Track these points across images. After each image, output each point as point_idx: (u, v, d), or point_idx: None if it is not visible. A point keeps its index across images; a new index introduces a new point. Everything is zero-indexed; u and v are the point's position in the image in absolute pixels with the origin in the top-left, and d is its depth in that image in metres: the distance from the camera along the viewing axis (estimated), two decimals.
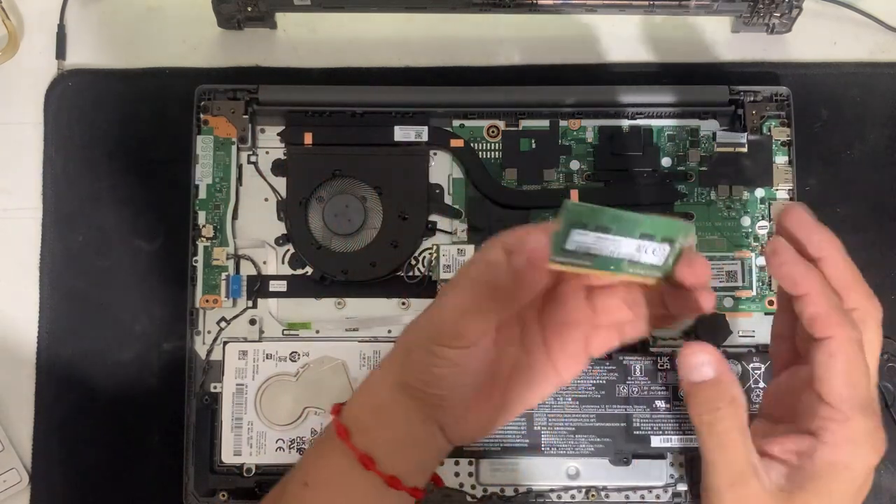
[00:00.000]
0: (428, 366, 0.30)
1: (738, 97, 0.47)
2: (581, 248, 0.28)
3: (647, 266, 0.29)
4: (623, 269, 0.29)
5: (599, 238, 0.28)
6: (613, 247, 0.28)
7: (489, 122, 0.47)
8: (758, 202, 0.47)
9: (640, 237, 0.28)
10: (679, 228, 0.28)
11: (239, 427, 0.45)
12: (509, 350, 0.32)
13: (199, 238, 0.46)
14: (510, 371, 0.32)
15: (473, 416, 0.32)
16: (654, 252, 0.28)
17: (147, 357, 0.47)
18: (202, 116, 0.46)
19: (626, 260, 0.28)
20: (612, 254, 0.28)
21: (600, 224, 0.27)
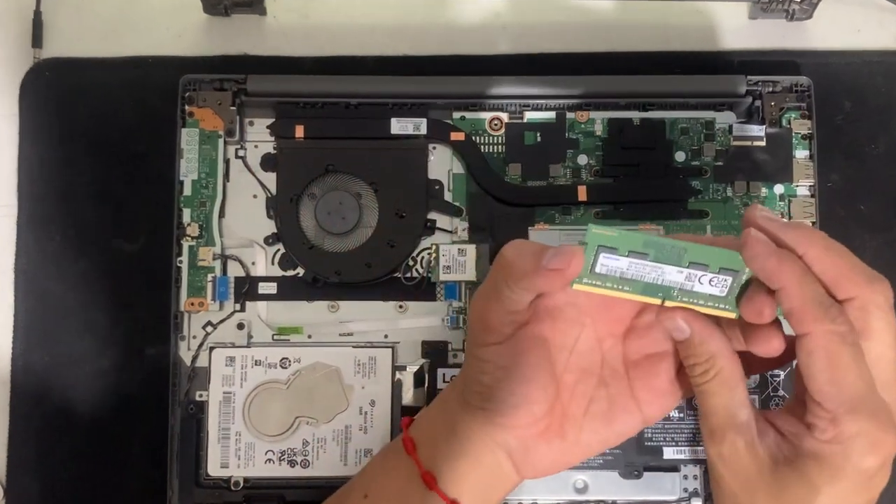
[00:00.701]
0: (476, 373, 0.31)
1: (755, 88, 0.46)
2: (613, 272, 0.28)
3: (706, 296, 0.28)
4: (673, 298, 0.29)
5: (635, 264, 0.28)
6: (656, 274, 0.28)
7: (492, 114, 0.47)
8: (777, 199, 0.46)
9: (690, 266, 0.28)
10: (739, 260, 0.28)
11: (226, 438, 0.44)
12: (586, 380, 0.32)
13: (183, 237, 0.46)
14: (587, 404, 0.32)
15: (544, 449, 0.32)
16: (711, 283, 0.28)
17: (128, 364, 0.47)
18: (187, 108, 0.46)
19: (677, 289, 0.28)
20: (656, 281, 0.28)
21: (634, 249, 0.28)
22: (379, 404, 0.45)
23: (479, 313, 0.31)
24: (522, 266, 0.29)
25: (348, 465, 0.44)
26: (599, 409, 0.32)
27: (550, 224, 0.46)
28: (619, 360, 0.32)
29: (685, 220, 0.46)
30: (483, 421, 0.32)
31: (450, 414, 0.33)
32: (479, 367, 0.31)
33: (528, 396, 0.31)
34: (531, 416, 0.32)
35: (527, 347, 0.31)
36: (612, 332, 0.32)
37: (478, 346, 0.31)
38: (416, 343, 0.45)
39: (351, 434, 0.44)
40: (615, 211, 0.46)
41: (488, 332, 0.31)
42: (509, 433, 0.32)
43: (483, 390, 0.31)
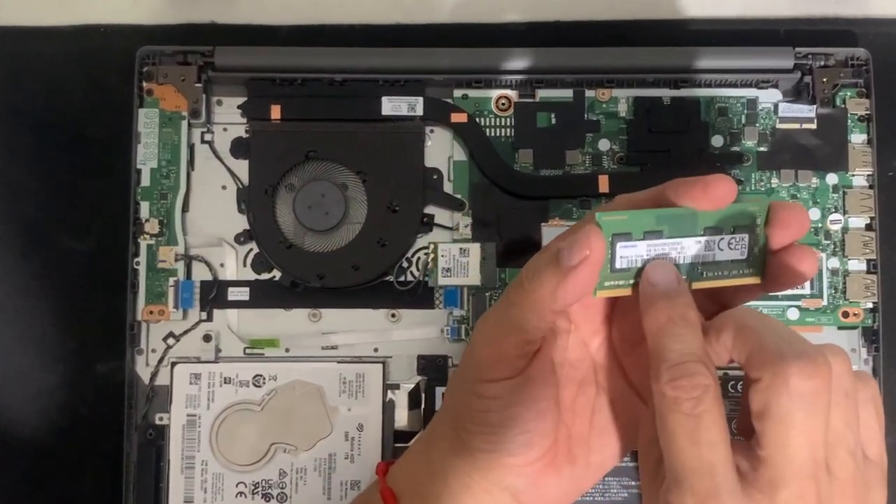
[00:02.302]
0: (479, 412, 0.30)
1: (805, 62, 0.46)
2: (633, 264, 0.28)
3: (728, 264, 0.29)
4: (700, 277, 0.29)
5: (654, 246, 0.28)
6: (676, 252, 0.28)
7: (498, 91, 0.47)
8: (829, 190, 0.46)
9: (706, 232, 0.28)
10: (751, 212, 0.28)
11: (190, 468, 0.44)
12: (585, 392, 0.32)
13: (141, 235, 0.45)
14: (590, 418, 0.32)
15: (554, 481, 0.31)
16: (731, 245, 0.28)
17: (77, 381, 0.47)
18: (145, 85, 0.46)
19: (699, 263, 0.29)
20: (678, 260, 0.28)
21: (648, 229, 0.28)
22: (368, 429, 0.44)
23: (490, 344, 0.30)
24: (546, 279, 0.28)
25: (332, 500, 0.44)
26: (604, 419, 0.32)
27: (567, 220, 0.46)
28: (609, 358, 0.32)
29: None
30: (485, 465, 0.31)
31: (437, 458, 0.32)
32: (483, 406, 0.30)
33: (540, 430, 0.31)
34: (542, 449, 0.31)
35: (536, 375, 0.30)
36: (594, 329, 0.32)
37: (482, 383, 0.30)
38: (412, 358, 0.45)
39: (335, 463, 0.44)
40: None
41: (500, 367, 0.30)
42: (517, 473, 0.31)
43: (489, 430, 0.30)
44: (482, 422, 0.30)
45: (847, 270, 0.45)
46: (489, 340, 0.30)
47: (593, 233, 0.27)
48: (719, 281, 0.29)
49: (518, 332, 0.29)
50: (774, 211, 0.28)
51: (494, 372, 0.30)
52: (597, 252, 0.27)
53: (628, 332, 0.31)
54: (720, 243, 0.28)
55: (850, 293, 0.45)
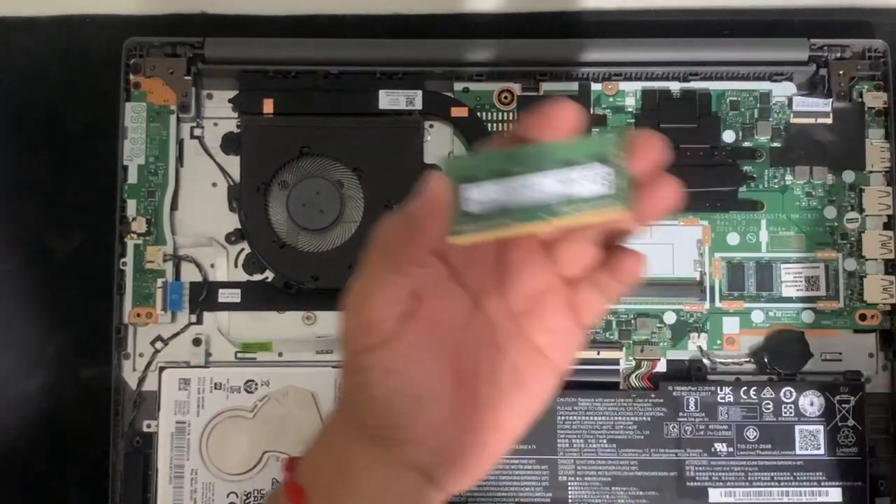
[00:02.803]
0: (362, 388, 0.30)
1: (820, 53, 0.46)
2: (488, 207, 0.28)
3: (591, 199, 0.29)
4: (560, 214, 0.29)
5: (505, 186, 0.28)
6: (531, 189, 0.28)
7: (501, 84, 0.46)
8: (845, 188, 0.46)
9: (558, 167, 0.28)
10: (606, 141, 0.28)
11: (179, 476, 0.44)
12: (483, 353, 0.32)
13: (127, 234, 0.45)
14: (492, 379, 0.32)
15: (462, 449, 0.31)
16: (590, 179, 0.28)
17: (62, 386, 0.47)
18: (132, 78, 0.46)
19: (557, 201, 0.28)
20: (535, 199, 0.28)
21: (496, 169, 0.28)
22: None
23: (357, 310, 0.30)
24: (396, 232, 0.29)
25: None
26: (507, 379, 0.31)
27: None
28: (504, 315, 0.32)
29: (735, 212, 0.46)
30: (382, 443, 0.31)
31: (339, 444, 0.32)
32: (363, 379, 0.30)
33: (430, 395, 0.30)
34: (438, 414, 0.31)
35: (416, 339, 0.30)
36: (486, 286, 0.32)
37: (358, 355, 0.30)
38: None
39: None
40: None
41: (370, 332, 0.29)
42: (417, 446, 0.31)
43: (375, 406, 0.30)
44: (366, 396, 0.30)
45: (864, 271, 0.45)
46: (354, 307, 0.30)
47: (433, 179, 0.28)
48: (582, 216, 0.29)
49: (379, 291, 0.29)
50: (630, 139, 0.28)
51: (365, 340, 0.30)
52: (439, 197, 0.28)
53: (521, 287, 0.32)
54: (576, 177, 0.28)
55: (867, 295, 0.45)
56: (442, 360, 0.31)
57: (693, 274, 0.45)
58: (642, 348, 0.45)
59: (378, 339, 0.30)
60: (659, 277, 0.45)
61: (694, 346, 0.45)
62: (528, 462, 0.43)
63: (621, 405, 0.43)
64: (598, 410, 0.44)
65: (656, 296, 0.45)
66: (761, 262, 0.45)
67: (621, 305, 0.45)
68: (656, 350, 0.45)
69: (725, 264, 0.45)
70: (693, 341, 0.45)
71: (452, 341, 0.32)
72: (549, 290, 0.31)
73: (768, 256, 0.45)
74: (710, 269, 0.45)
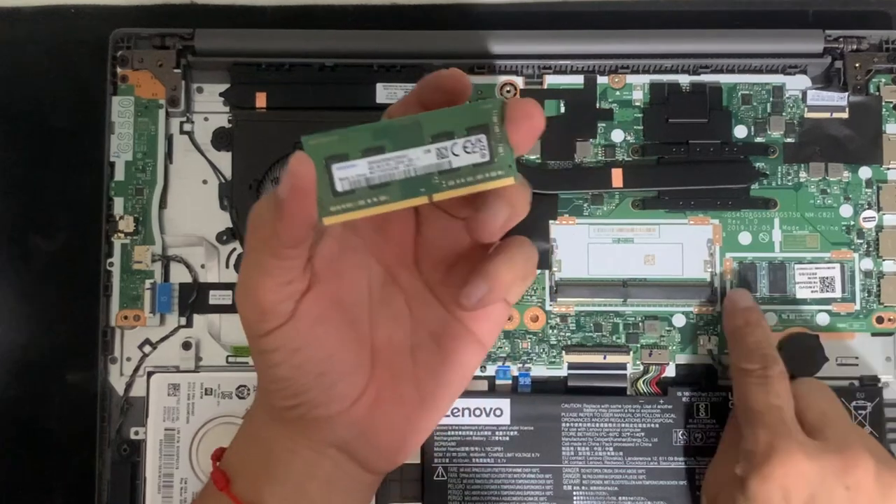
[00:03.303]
0: (269, 370, 0.31)
1: (836, 45, 0.46)
2: (359, 184, 0.29)
3: (471, 170, 0.29)
4: (439, 188, 0.29)
5: (377, 162, 0.29)
6: (405, 165, 0.29)
7: (504, 77, 0.46)
8: (862, 185, 0.46)
9: (434, 140, 0.29)
10: (483, 111, 0.29)
11: (168, 486, 0.44)
12: (399, 327, 0.33)
13: (114, 233, 0.45)
14: (411, 353, 0.33)
15: (384, 425, 0.32)
16: (466, 149, 0.29)
17: (45, 392, 0.47)
18: (119, 71, 0.46)
19: (436, 174, 0.29)
20: (410, 174, 0.29)
21: (366, 146, 0.29)
22: None
23: (248, 298, 0.31)
24: (266, 217, 0.29)
25: None
26: (428, 352, 0.33)
27: (578, 217, 0.45)
28: (423, 289, 0.33)
29: (747, 211, 0.45)
30: (300, 425, 0.32)
31: (260, 432, 0.33)
32: (269, 361, 0.31)
33: (339, 370, 0.31)
34: (353, 390, 0.32)
35: (317, 317, 0.31)
36: (401, 260, 0.33)
37: (259, 339, 0.31)
38: None
39: None
40: (659, 200, 0.46)
41: (266, 317, 0.30)
42: (336, 424, 0.32)
43: (285, 386, 0.31)
44: (274, 378, 0.31)
45: (881, 272, 0.45)
46: (244, 294, 0.31)
47: (296, 159, 0.28)
48: (464, 188, 0.29)
49: (264, 277, 0.30)
50: (508, 107, 0.29)
51: (263, 324, 0.30)
52: (303, 178, 0.28)
53: (436, 259, 0.33)
54: (454, 148, 0.29)
55: (884, 297, 0.45)
56: (350, 334, 0.32)
57: (703, 275, 0.45)
58: (650, 352, 0.44)
59: (275, 321, 0.30)
60: (668, 278, 0.45)
61: (704, 349, 0.44)
62: (531, 471, 0.43)
63: (628, 411, 0.43)
64: (604, 417, 0.43)
65: (665, 297, 0.44)
66: (774, 263, 0.45)
67: (628, 307, 0.44)
68: (665, 354, 0.44)
69: (737, 265, 0.45)
70: (703, 345, 0.44)
71: (363, 315, 0.32)
72: (465, 260, 0.32)
73: (781, 256, 0.45)
74: (721, 270, 0.45)
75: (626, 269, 0.45)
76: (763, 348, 0.40)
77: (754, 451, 0.37)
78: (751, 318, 0.42)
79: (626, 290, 0.44)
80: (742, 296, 0.43)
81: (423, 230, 0.33)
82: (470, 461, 0.43)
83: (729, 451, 0.41)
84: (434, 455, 0.43)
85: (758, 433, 0.38)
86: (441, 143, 0.29)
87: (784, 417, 0.38)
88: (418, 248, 0.33)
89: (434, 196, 0.29)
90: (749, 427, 0.38)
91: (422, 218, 0.33)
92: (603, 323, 0.44)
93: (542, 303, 0.44)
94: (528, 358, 0.44)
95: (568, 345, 0.44)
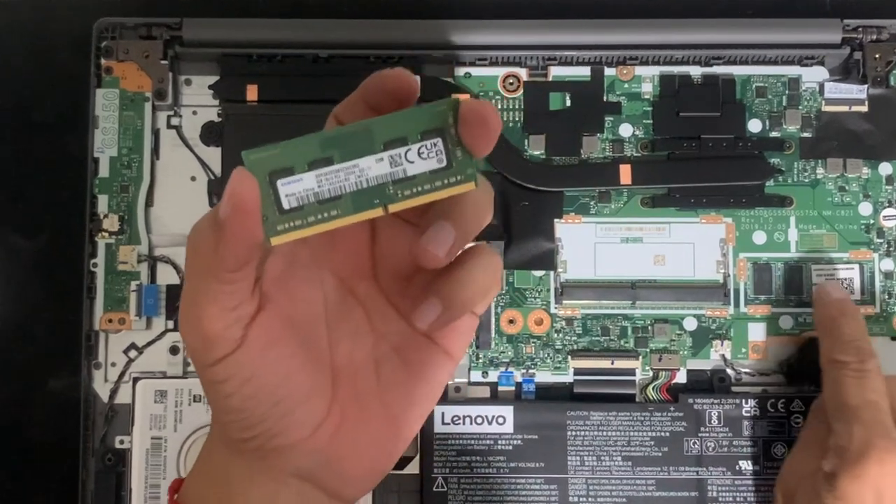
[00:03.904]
0: (221, 401, 0.30)
1: (854, 35, 0.46)
2: (307, 200, 0.28)
3: (428, 177, 0.29)
4: (394, 199, 0.29)
5: (325, 175, 0.28)
6: (356, 176, 0.28)
7: (506, 69, 0.46)
8: (882, 182, 0.46)
9: (386, 147, 0.28)
10: (436, 114, 0.28)
11: (155, 497, 0.44)
12: (360, 344, 0.32)
13: (98, 233, 0.45)
14: (375, 370, 0.32)
15: (349, 449, 0.32)
16: (421, 155, 0.28)
17: (26, 399, 0.47)
18: (103, 62, 0.46)
19: (390, 183, 0.28)
20: (361, 185, 0.28)
21: (312, 158, 0.28)
22: None
23: (192, 327, 0.29)
24: (206, 240, 0.28)
25: None
26: (392, 368, 0.32)
27: (584, 215, 0.45)
28: (382, 301, 0.32)
29: (762, 209, 0.45)
30: (258, 455, 0.31)
31: (217, 464, 0.32)
32: (221, 392, 0.30)
33: (297, 396, 0.31)
34: (313, 415, 0.31)
35: (268, 341, 0.30)
36: (357, 272, 0.32)
37: (207, 369, 0.30)
38: None
39: None
40: (669, 197, 0.45)
41: (213, 346, 0.29)
42: (297, 453, 0.31)
43: (239, 417, 0.30)
44: (228, 409, 0.30)
45: None
46: (188, 323, 0.30)
47: (236, 176, 0.27)
48: (421, 197, 0.29)
49: (208, 303, 0.29)
50: (461, 109, 0.28)
51: (210, 353, 0.29)
52: (244, 197, 0.27)
53: (394, 269, 0.32)
54: (408, 155, 0.28)
55: None
56: (306, 355, 0.31)
57: (716, 276, 0.44)
58: (660, 357, 0.44)
59: (223, 349, 0.29)
60: (678, 280, 0.44)
61: (717, 354, 0.44)
62: (535, 481, 0.43)
63: (637, 419, 0.43)
64: (612, 425, 0.43)
65: (675, 300, 0.44)
66: (790, 263, 0.45)
67: (637, 310, 0.44)
68: (675, 359, 0.44)
69: (751, 265, 0.45)
70: (716, 349, 0.44)
71: (320, 334, 0.32)
72: (425, 271, 0.31)
73: (798, 256, 0.45)
74: (735, 271, 0.44)
75: (635, 269, 0.44)
76: (858, 340, 0.41)
77: (847, 447, 0.38)
78: (846, 308, 0.42)
79: (634, 291, 0.44)
80: (834, 287, 0.44)
81: (379, 238, 0.32)
82: (471, 471, 0.43)
83: (812, 444, 0.41)
84: (434, 465, 0.43)
85: (852, 429, 0.38)
86: (394, 149, 0.28)
87: (880, 414, 0.38)
88: (375, 257, 0.33)
89: (389, 207, 0.29)
90: (842, 422, 0.39)
91: (377, 225, 0.32)
92: (610, 326, 0.44)
93: (546, 305, 0.44)
94: (533, 363, 0.44)
95: (574, 349, 0.44)
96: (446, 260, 0.29)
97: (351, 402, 0.32)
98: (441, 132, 0.28)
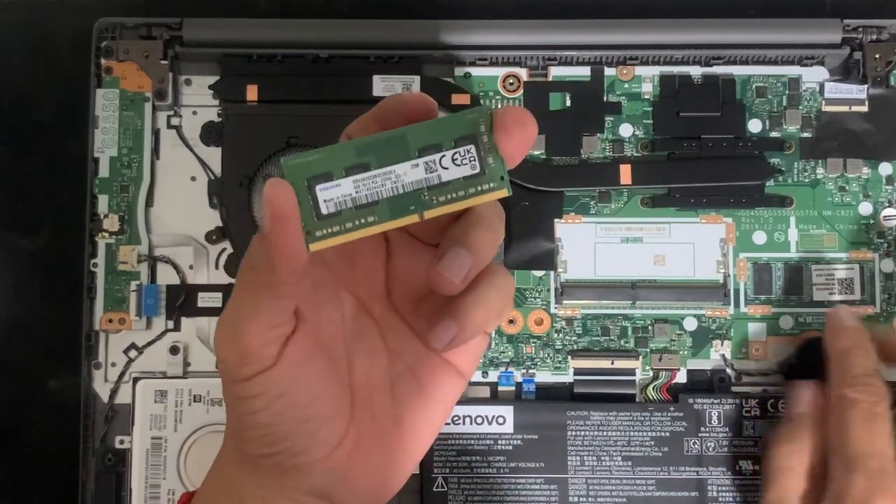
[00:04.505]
0: (248, 416, 0.30)
1: (854, 35, 0.46)
2: (345, 205, 0.29)
3: (462, 183, 0.29)
4: (429, 205, 0.29)
5: (362, 180, 0.28)
6: (392, 182, 0.29)
7: (506, 69, 0.46)
8: (883, 182, 0.46)
9: (421, 153, 0.29)
10: (469, 121, 0.29)
11: (155, 497, 0.44)
12: (376, 363, 0.33)
13: (98, 233, 0.45)
14: (389, 388, 0.33)
15: (363, 467, 0.32)
16: (456, 161, 0.29)
17: (26, 399, 0.47)
18: (103, 62, 0.46)
19: (425, 189, 0.29)
20: (398, 191, 0.29)
21: (350, 164, 0.28)
22: None
23: (233, 341, 0.30)
24: (258, 253, 0.29)
25: None
26: (407, 387, 0.32)
27: (584, 215, 0.46)
28: (397, 321, 0.33)
29: (762, 209, 0.45)
30: (275, 473, 0.31)
31: (230, 480, 0.32)
32: (249, 408, 0.30)
33: (323, 415, 0.31)
34: (335, 435, 0.31)
35: (301, 359, 0.30)
36: (373, 291, 0.33)
37: (238, 384, 0.30)
38: None
39: None
40: (669, 197, 0.45)
41: (249, 362, 0.30)
42: (315, 471, 0.31)
43: (263, 434, 0.30)
44: (253, 425, 0.30)
45: None
46: (228, 337, 0.30)
47: (274, 184, 0.27)
48: (456, 203, 0.29)
49: (254, 319, 0.29)
50: (496, 116, 0.29)
51: (246, 370, 0.30)
52: (281, 205, 0.28)
53: (409, 289, 0.32)
54: (442, 161, 0.29)
55: None
56: (331, 374, 0.31)
57: (716, 276, 0.45)
58: (660, 357, 0.44)
59: (259, 366, 0.30)
60: (678, 280, 0.45)
61: (717, 354, 0.44)
62: (535, 481, 0.43)
63: (637, 419, 0.43)
64: (612, 425, 0.43)
65: (675, 300, 0.44)
66: (790, 263, 0.45)
67: (637, 310, 0.44)
68: (675, 359, 0.44)
69: (751, 265, 0.45)
70: (716, 349, 0.44)
71: (340, 353, 0.32)
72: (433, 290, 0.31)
73: (798, 257, 0.45)
74: (735, 271, 0.45)
75: (635, 269, 0.45)
76: (871, 377, 0.40)
77: (848, 495, 0.37)
78: (859, 340, 0.41)
79: (634, 291, 0.44)
80: (848, 313, 0.42)
81: (394, 258, 0.33)
82: (471, 471, 0.43)
83: (801, 474, 0.40)
84: (434, 465, 0.43)
85: (856, 478, 0.37)
86: (429, 156, 0.29)
87: (886, 465, 0.38)
88: (389, 277, 0.33)
89: (425, 213, 0.29)
90: (844, 466, 0.38)
91: (392, 245, 0.33)
92: (610, 326, 0.45)
93: (546, 305, 0.45)
94: (533, 363, 0.44)
95: (574, 349, 0.44)
96: (462, 286, 0.29)
97: (367, 421, 0.32)
98: (474, 139, 0.29)
